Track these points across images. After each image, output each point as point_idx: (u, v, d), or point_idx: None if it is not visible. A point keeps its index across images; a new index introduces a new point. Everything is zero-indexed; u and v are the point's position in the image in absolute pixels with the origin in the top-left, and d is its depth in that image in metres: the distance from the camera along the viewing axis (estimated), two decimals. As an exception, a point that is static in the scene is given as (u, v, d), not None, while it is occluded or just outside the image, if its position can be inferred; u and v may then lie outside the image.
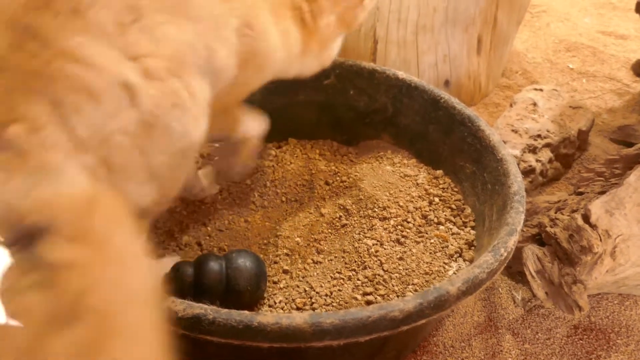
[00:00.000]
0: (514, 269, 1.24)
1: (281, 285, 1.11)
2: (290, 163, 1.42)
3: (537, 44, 2.32)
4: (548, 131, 1.53)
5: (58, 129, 0.69)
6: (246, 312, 0.82)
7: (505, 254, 0.95)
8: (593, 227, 1.04)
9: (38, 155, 0.67)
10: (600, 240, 1.03)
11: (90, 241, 0.64)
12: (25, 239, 0.63)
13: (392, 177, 1.35)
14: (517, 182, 1.11)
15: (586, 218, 1.06)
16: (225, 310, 0.82)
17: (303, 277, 1.13)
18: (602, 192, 1.13)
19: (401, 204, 1.26)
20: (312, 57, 1.16)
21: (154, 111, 0.77)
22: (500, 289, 1.24)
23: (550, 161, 1.52)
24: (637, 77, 1.99)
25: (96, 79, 0.72)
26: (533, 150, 1.49)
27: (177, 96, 0.80)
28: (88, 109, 0.71)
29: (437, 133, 1.37)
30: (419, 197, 1.29)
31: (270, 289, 1.11)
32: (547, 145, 1.51)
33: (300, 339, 0.81)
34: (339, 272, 1.12)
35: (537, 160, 1.48)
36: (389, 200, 1.27)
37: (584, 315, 1.18)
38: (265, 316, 0.81)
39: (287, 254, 1.18)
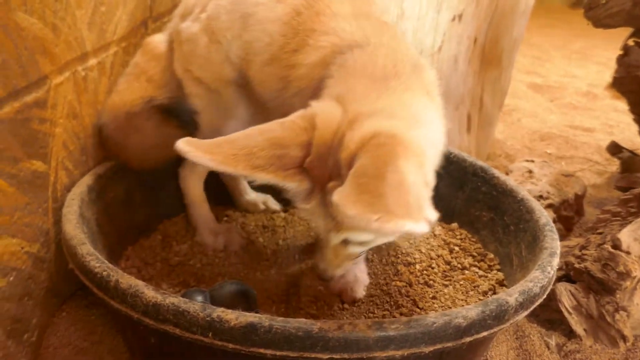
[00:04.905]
0: (543, 317, 1.21)
1: (312, 327, 1.04)
2: (299, 225, 1.40)
3: (514, 135, 2.46)
4: (548, 192, 1.57)
5: None
6: (304, 319, 0.75)
7: (552, 272, 0.93)
8: (626, 253, 1.04)
9: None
10: (637, 265, 1.03)
11: None
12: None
13: (409, 230, 1.34)
14: (544, 216, 1.12)
15: (617, 247, 1.06)
16: (281, 318, 0.75)
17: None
18: (623, 229, 1.15)
19: (423, 250, 1.24)
20: None
21: None
22: (532, 336, 1.19)
23: (553, 221, 1.54)
24: (612, 157, 2.11)
25: None
26: (537, 209, 1.52)
27: None
28: None
29: (448, 188, 1.38)
30: (439, 246, 1.28)
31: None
32: (550, 205, 1.55)
33: (363, 348, 0.74)
34: (372, 313, 1.07)
35: (542, 219, 1.50)
36: (410, 247, 1.25)
37: (625, 355, 1.14)
38: (327, 322, 0.75)
39: (311, 301, 1.12)
